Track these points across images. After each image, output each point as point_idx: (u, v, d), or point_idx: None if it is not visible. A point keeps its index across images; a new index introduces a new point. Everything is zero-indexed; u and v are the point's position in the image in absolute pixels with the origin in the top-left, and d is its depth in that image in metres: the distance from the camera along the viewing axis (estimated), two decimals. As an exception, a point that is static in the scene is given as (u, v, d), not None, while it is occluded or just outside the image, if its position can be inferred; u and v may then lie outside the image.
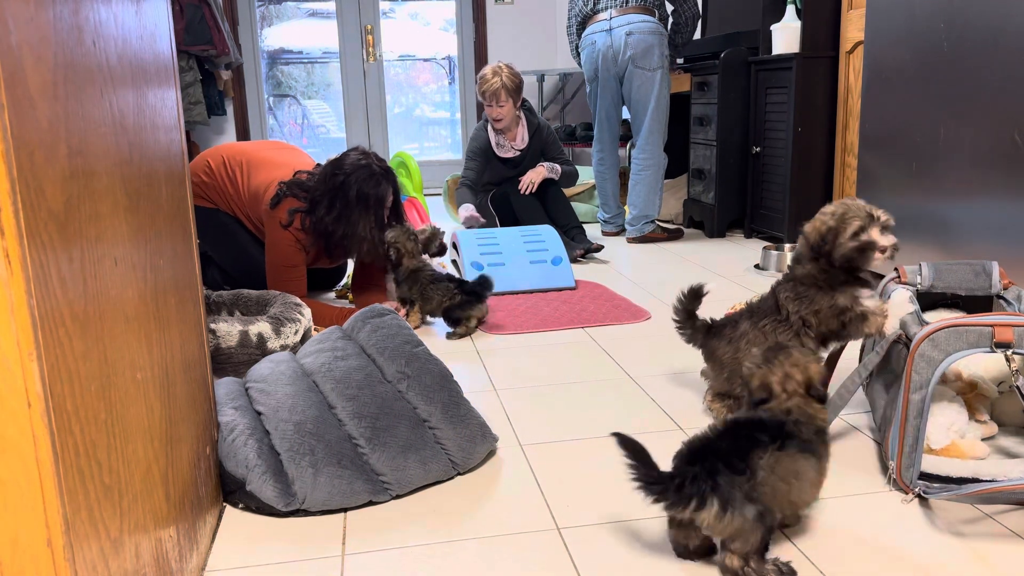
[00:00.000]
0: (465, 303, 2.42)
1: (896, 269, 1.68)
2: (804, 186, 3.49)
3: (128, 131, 1.01)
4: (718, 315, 2.55)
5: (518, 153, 3.78)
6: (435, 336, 2.46)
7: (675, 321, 1.76)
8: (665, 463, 1.55)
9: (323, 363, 1.59)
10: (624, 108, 3.88)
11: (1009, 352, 1.31)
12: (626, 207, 3.92)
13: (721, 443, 1.14)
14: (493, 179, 3.86)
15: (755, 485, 1.10)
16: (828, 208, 1.57)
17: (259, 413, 1.50)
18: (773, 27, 3.55)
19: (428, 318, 2.60)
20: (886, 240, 1.50)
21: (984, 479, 1.38)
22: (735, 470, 1.10)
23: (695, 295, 1.73)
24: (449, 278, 2.48)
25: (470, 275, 2.93)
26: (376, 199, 2.47)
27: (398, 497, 1.45)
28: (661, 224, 3.98)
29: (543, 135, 3.82)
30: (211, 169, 2.65)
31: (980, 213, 2.07)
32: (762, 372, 1.23)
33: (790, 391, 1.21)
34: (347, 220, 2.44)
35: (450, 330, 2.44)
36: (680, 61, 4.33)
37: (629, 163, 4.76)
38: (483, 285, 2.45)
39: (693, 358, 2.16)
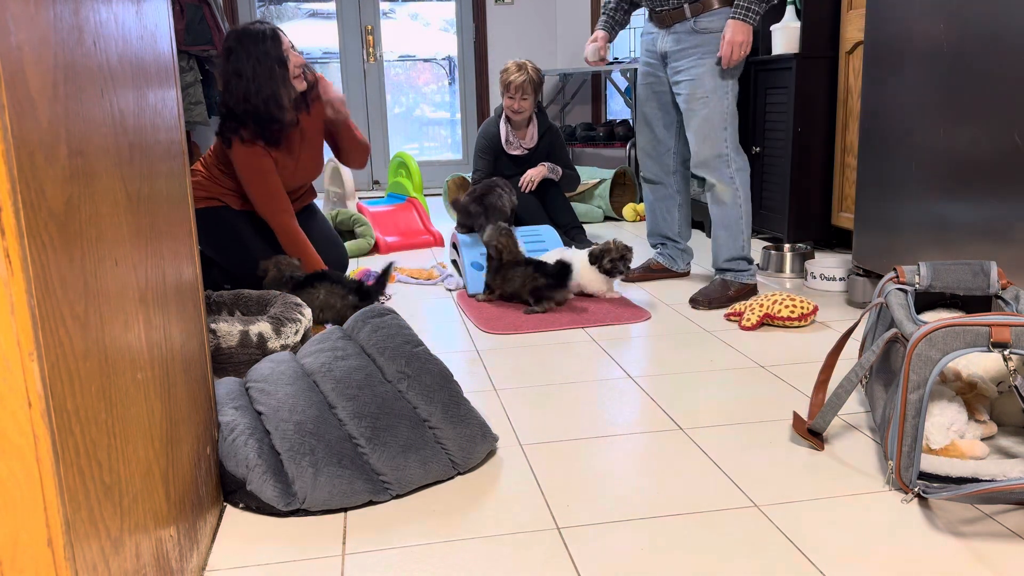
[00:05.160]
0: (550, 286, 2.65)
1: (895, 269, 1.68)
2: (804, 186, 3.49)
3: (128, 131, 1.02)
4: (718, 317, 2.57)
5: (527, 152, 3.77)
6: (435, 335, 2.46)
7: None
8: (665, 463, 1.55)
9: (323, 363, 1.59)
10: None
11: (1006, 352, 1.31)
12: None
13: None
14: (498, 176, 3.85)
15: None
16: None
17: (259, 413, 1.50)
18: (773, 27, 3.55)
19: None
20: None
21: (984, 479, 1.38)
22: None
23: None
24: (528, 262, 2.70)
25: (470, 275, 2.94)
26: (264, 52, 2.56)
27: (398, 497, 1.45)
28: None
29: (552, 137, 3.80)
30: (204, 165, 2.76)
31: (980, 213, 2.07)
32: None
33: None
34: (253, 82, 2.55)
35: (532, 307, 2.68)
36: None
37: (635, 171, 4.76)
38: (565, 271, 2.67)
39: (693, 358, 2.16)
